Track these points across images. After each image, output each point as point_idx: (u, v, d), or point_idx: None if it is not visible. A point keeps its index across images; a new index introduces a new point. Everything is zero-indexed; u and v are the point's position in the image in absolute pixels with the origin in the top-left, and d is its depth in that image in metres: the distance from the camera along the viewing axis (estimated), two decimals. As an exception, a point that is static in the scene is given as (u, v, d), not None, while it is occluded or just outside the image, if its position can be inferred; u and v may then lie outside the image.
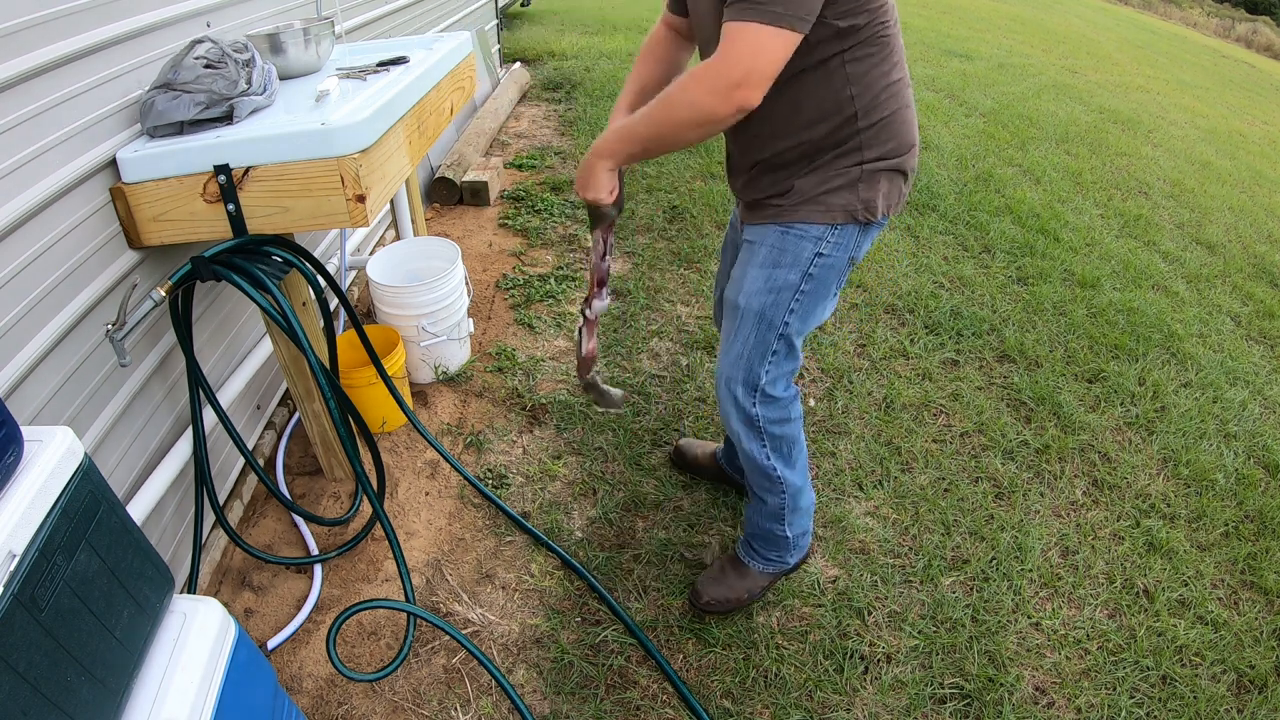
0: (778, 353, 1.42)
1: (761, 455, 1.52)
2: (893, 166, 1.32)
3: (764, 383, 1.44)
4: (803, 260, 1.34)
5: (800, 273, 1.35)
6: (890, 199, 1.34)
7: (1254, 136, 6.52)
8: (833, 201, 1.31)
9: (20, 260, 1.20)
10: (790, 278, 1.35)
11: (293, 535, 1.86)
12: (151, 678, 0.93)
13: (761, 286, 1.38)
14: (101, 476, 0.90)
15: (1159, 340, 2.79)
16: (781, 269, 1.36)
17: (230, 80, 1.44)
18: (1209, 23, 19.03)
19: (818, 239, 1.33)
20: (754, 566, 1.69)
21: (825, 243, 1.33)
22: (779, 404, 1.48)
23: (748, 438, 1.50)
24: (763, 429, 1.49)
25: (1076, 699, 1.56)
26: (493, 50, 5.25)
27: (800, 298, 1.37)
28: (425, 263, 2.43)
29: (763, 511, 1.62)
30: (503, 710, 1.51)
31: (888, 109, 1.28)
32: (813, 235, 1.33)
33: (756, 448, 1.52)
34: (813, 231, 1.33)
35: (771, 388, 1.45)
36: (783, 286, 1.36)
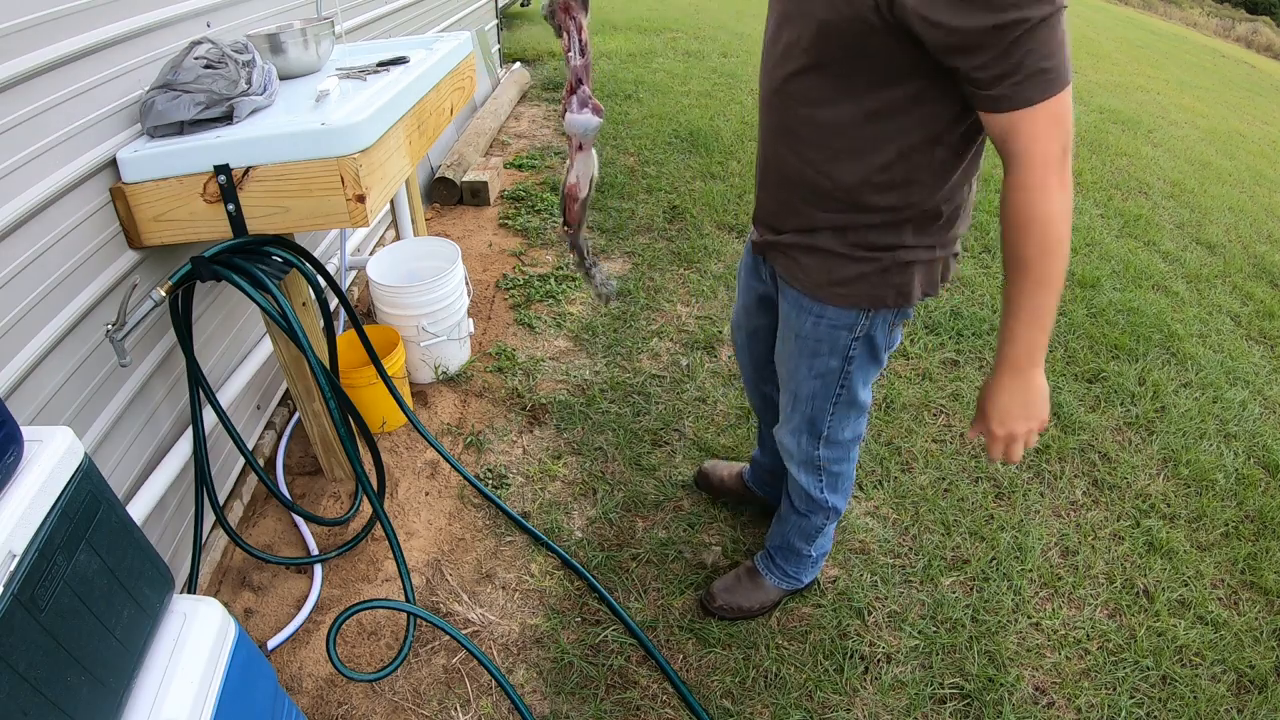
0: (839, 408, 1.36)
1: (816, 489, 1.49)
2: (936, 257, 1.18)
3: (828, 432, 1.39)
4: (840, 348, 1.26)
5: (840, 358, 1.27)
6: (932, 282, 1.20)
7: (1254, 136, 6.52)
8: (859, 289, 1.19)
9: (20, 260, 1.20)
10: (831, 364, 1.28)
11: (293, 535, 1.86)
12: (151, 678, 0.93)
13: (806, 374, 1.32)
14: (101, 476, 0.90)
15: (1159, 340, 2.79)
16: (821, 358, 1.28)
17: (230, 80, 1.44)
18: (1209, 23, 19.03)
19: (852, 325, 1.23)
20: (770, 580, 1.67)
21: (860, 327, 1.23)
22: (842, 445, 1.43)
23: (805, 473, 1.47)
24: (823, 467, 1.45)
25: (1076, 699, 1.56)
26: (493, 50, 5.25)
27: (847, 375, 1.30)
28: (425, 263, 2.43)
29: (796, 528, 1.59)
30: (503, 710, 1.51)
31: (957, 200, 1.13)
32: (846, 323, 1.23)
33: (812, 482, 1.48)
34: (846, 319, 1.22)
35: (837, 434, 1.40)
36: (825, 373, 1.30)
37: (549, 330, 2.67)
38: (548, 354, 2.55)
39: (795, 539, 1.61)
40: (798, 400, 1.37)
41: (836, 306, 1.21)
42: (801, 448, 1.43)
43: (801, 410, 1.37)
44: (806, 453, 1.43)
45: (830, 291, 1.21)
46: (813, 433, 1.40)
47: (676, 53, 6.51)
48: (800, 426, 1.40)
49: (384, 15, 2.98)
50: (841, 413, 1.37)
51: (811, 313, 1.24)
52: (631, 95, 5.16)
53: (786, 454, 1.47)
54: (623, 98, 5.11)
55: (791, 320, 1.29)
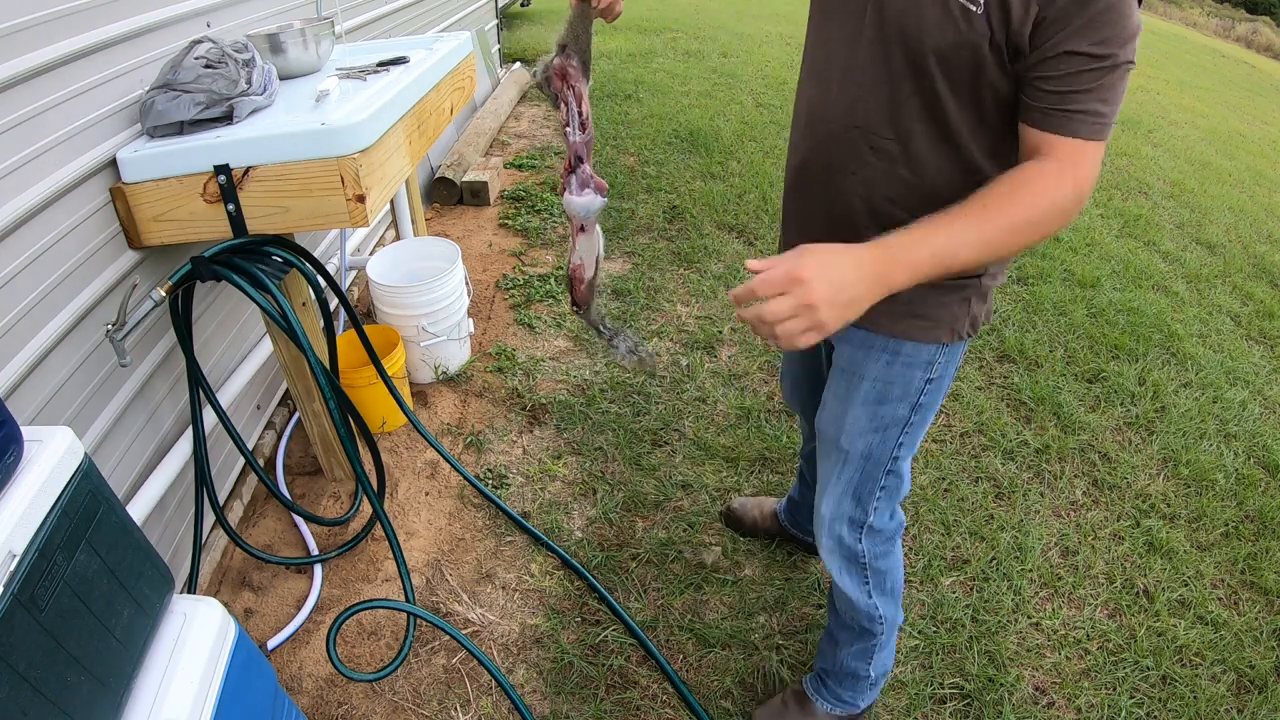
0: (887, 486, 1.23)
1: (861, 593, 1.32)
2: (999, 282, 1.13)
3: (872, 519, 1.25)
4: (912, 391, 1.14)
5: (909, 405, 1.15)
6: (983, 310, 1.14)
7: (1254, 136, 6.52)
8: (942, 316, 1.08)
9: (20, 260, 1.20)
10: (899, 412, 1.15)
11: (293, 535, 1.86)
12: (151, 678, 0.93)
13: (866, 426, 1.17)
14: (101, 476, 0.90)
15: (1159, 340, 2.79)
16: (888, 404, 1.15)
17: (230, 80, 1.44)
18: (1209, 23, 19.03)
19: (928, 363, 1.11)
20: (822, 707, 1.46)
21: (936, 365, 1.12)
22: (885, 535, 1.29)
23: (848, 573, 1.32)
24: (866, 564, 1.30)
25: (1076, 699, 1.56)
26: (493, 50, 5.25)
27: (909, 429, 1.17)
28: (425, 263, 2.43)
29: (850, 648, 1.41)
30: (503, 710, 1.50)
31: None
32: (923, 360, 1.11)
33: (856, 584, 1.32)
34: (923, 354, 1.11)
35: (880, 521, 1.27)
36: (890, 423, 1.16)
37: (549, 330, 2.67)
38: (548, 354, 2.55)
39: (850, 660, 1.42)
40: (848, 461, 1.21)
41: (915, 341, 1.09)
42: (841, 540, 1.28)
43: (849, 475, 1.22)
44: (849, 546, 1.28)
45: (910, 324, 1.08)
46: (853, 521, 1.26)
47: (676, 53, 6.51)
48: (843, 498, 1.25)
49: (384, 15, 2.98)
50: (891, 486, 1.23)
51: (885, 350, 1.12)
52: (631, 95, 5.16)
53: (827, 547, 1.31)
54: (623, 98, 5.11)
55: (856, 364, 1.16)
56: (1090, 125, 0.85)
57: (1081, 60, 0.83)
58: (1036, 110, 0.88)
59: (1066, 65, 0.83)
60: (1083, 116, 0.85)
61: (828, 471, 1.26)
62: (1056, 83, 0.85)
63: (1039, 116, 0.88)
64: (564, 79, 1.01)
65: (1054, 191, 0.86)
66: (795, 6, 9.24)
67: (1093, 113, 0.85)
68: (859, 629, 1.37)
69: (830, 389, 1.22)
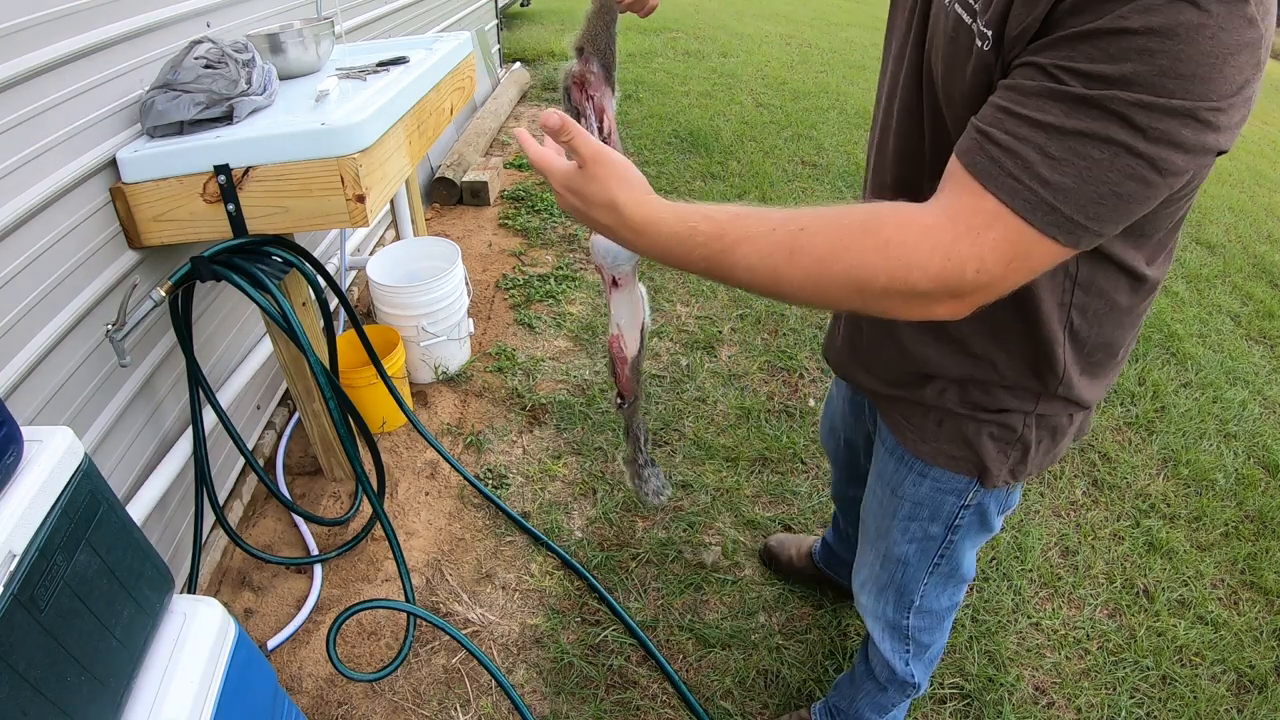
0: (935, 577, 1.11)
1: (900, 658, 1.23)
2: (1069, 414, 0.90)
3: (919, 603, 1.14)
4: (944, 514, 1.02)
5: (944, 525, 1.03)
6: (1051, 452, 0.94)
7: (1254, 136, 6.52)
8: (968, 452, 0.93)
9: (20, 260, 1.20)
10: (933, 530, 1.04)
11: (293, 535, 1.86)
12: (151, 678, 0.93)
13: (900, 538, 1.08)
14: (101, 476, 0.90)
15: (1159, 340, 2.79)
16: (919, 522, 1.04)
17: (230, 80, 1.44)
18: (1209, 23, 18.99)
19: (960, 492, 0.98)
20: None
21: (972, 493, 0.98)
22: (936, 614, 1.17)
23: (889, 639, 1.22)
24: (911, 637, 1.20)
25: (1076, 699, 1.56)
26: (493, 50, 5.25)
27: (950, 545, 1.05)
28: (425, 263, 2.43)
29: (869, 698, 1.34)
30: (503, 710, 1.50)
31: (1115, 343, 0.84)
32: (954, 488, 0.98)
33: (896, 650, 1.23)
34: (953, 484, 0.97)
35: (932, 603, 1.15)
36: (925, 538, 1.06)
37: (549, 330, 2.67)
38: (548, 354, 2.55)
39: (865, 709, 1.36)
40: (886, 561, 1.12)
41: (943, 469, 0.97)
42: (885, 613, 1.19)
43: (890, 572, 1.13)
44: (891, 619, 1.19)
45: (936, 449, 0.95)
46: (901, 601, 1.16)
47: (676, 53, 6.51)
48: (885, 589, 1.16)
49: (384, 15, 2.98)
50: (939, 583, 1.12)
51: (914, 470, 1.00)
52: (631, 95, 5.16)
53: (864, 609, 1.22)
54: (622, 98, 5.11)
55: (889, 472, 1.05)
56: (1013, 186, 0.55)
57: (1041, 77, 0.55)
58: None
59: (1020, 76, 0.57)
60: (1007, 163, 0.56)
61: (870, 557, 1.16)
62: (999, 95, 0.59)
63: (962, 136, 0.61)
64: (582, 88, 0.82)
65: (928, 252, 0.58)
66: (795, 6, 9.25)
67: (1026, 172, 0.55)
68: (884, 685, 1.30)
69: (870, 486, 1.12)
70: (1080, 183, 0.55)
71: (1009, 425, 0.89)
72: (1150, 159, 0.54)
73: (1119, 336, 0.83)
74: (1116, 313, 0.80)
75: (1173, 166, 0.54)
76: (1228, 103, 0.53)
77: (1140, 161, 0.54)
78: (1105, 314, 0.79)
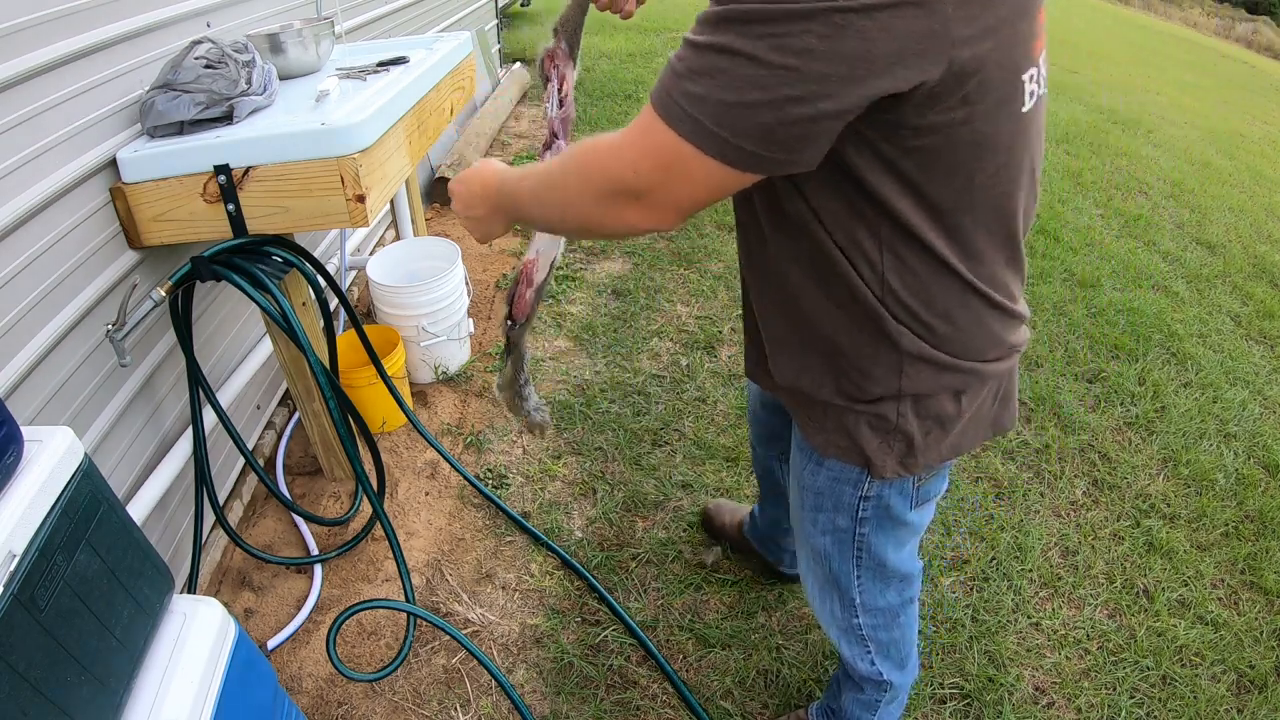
0: (863, 577, 1.11)
1: (864, 663, 1.22)
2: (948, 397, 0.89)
3: (861, 599, 1.13)
4: (845, 505, 1.02)
5: (848, 517, 1.03)
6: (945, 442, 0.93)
7: (1254, 136, 6.52)
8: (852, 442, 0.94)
9: (20, 260, 1.20)
10: (840, 522, 1.04)
11: (293, 535, 1.86)
12: (151, 678, 0.93)
13: (814, 530, 1.09)
14: (101, 476, 0.90)
15: (1159, 340, 2.79)
16: (825, 513, 1.05)
17: (230, 80, 1.44)
18: (1209, 23, 19.04)
19: (855, 482, 0.98)
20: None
21: (864, 485, 0.98)
22: (886, 611, 1.16)
23: (845, 643, 1.21)
24: (867, 637, 1.18)
25: (1076, 699, 1.56)
26: (493, 50, 5.25)
27: (863, 537, 1.05)
28: (425, 263, 2.43)
29: (853, 697, 1.32)
30: (503, 710, 1.50)
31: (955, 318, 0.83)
32: (848, 478, 0.98)
33: (858, 654, 1.21)
34: (847, 474, 0.98)
35: (871, 600, 1.14)
36: (835, 530, 1.06)
37: (549, 330, 2.67)
38: (548, 354, 2.55)
39: (854, 709, 1.33)
40: (813, 557, 1.13)
41: (836, 460, 0.97)
42: (835, 615, 1.17)
43: (821, 569, 1.13)
44: (841, 620, 1.17)
45: (826, 439, 0.96)
46: (844, 600, 1.14)
47: (676, 53, 6.50)
48: (825, 588, 1.15)
49: (384, 15, 2.98)
50: (872, 579, 1.10)
51: (813, 460, 1.01)
52: (631, 95, 5.16)
53: (817, 615, 1.23)
54: (623, 98, 5.11)
55: (798, 465, 1.06)
56: (669, 96, 0.64)
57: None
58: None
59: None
60: (665, 80, 0.64)
61: (802, 556, 1.18)
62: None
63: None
64: (551, 60, 1.05)
65: (608, 153, 0.69)
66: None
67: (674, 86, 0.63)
68: (860, 685, 1.29)
69: (789, 483, 1.14)
70: (711, 92, 0.60)
71: (883, 415, 0.90)
72: (769, 65, 0.57)
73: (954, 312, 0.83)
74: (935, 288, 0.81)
75: (800, 74, 0.57)
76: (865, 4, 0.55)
77: (760, 69, 0.57)
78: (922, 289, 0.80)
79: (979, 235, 0.78)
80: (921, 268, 0.78)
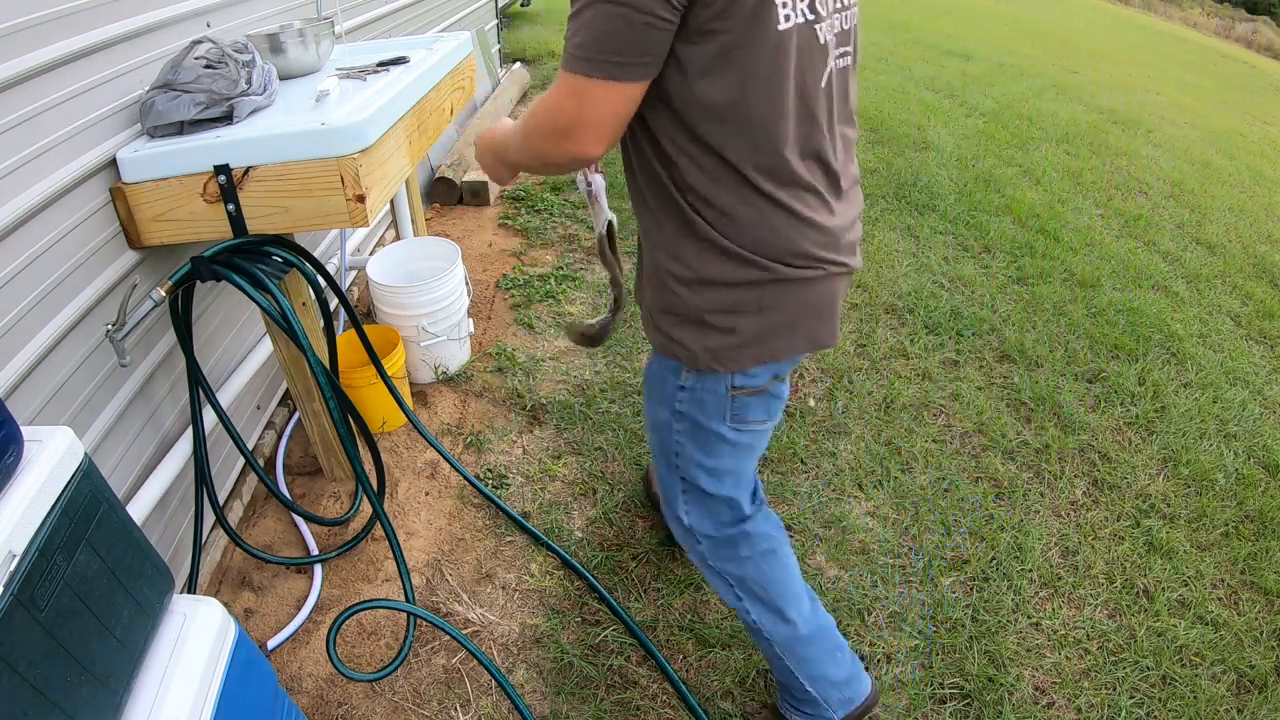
0: (689, 494, 1.21)
1: (730, 596, 1.29)
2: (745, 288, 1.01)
3: (685, 520, 1.24)
4: (667, 396, 1.12)
5: (669, 409, 1.13)
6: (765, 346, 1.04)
7: (1254, 136, 6.52)
8: (666, 338, 1.08)
9: (20, 260, 1.20)
10: (662, 415, 1.15)
11: (293, 535, 1.86)
12: (151, 678, 0.93)
13: (648, 419, 1.22)
14: (101, 476, 0.90)
15: (1159, 340, 2.79)
16: (652, 402, 1.17)
17: (230, 80, 1.44)
18: (1209, 23, 19.04)
19: (676, 370, 1.10)
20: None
21: (685, 375, 1.09)
22: (716, 541, 1.24)
23: (707, 573, 1.31)
24: (718, 570, 1.27)
25: (1076, 699, 1.56)
26: (493, 50, 5.25)
27: (679, 437, 1.15)
28: (425, 263, 2.43)
29: (768, 658, 1.35)
30: (503, 710, 1.51)
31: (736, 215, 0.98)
32: (671, 368, 1.11)
33: (721, 586, 1.30)
34: (669, 365, 1.11)
35: (696, 524, 1.24)
36: (660, 424, 1.17)
37: (549, 330, 2.67)
38: (548, 354, 2.55)
39: (778, 674, 1.37)
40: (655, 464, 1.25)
41: (660, 352, 1.12)
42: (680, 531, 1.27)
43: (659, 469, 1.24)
44: (689, 544, 1.27)
45: (654, 333, 1.11)
46: (672, 507, 1.25)
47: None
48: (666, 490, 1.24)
49: (384, 15, 2.98)
50: (690, 495, 1.20)
51: (651, 352, 1.16)
52: (631, 95, 5.15)
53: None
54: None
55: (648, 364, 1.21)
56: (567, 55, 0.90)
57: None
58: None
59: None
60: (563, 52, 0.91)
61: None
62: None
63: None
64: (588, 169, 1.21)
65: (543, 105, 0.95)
66: (795, 6, 9.22)
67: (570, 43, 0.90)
68: (752, 632, 1.32)
69: None
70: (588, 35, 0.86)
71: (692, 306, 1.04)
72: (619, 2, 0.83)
73: (738, 208, 0.97)
74: (720, 184, 0.97)
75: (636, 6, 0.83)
76: None
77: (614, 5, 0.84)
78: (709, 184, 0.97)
79: (760, 143, 0.94)
80: (708, 164, 0.96)
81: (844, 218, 1.05)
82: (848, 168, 1.07)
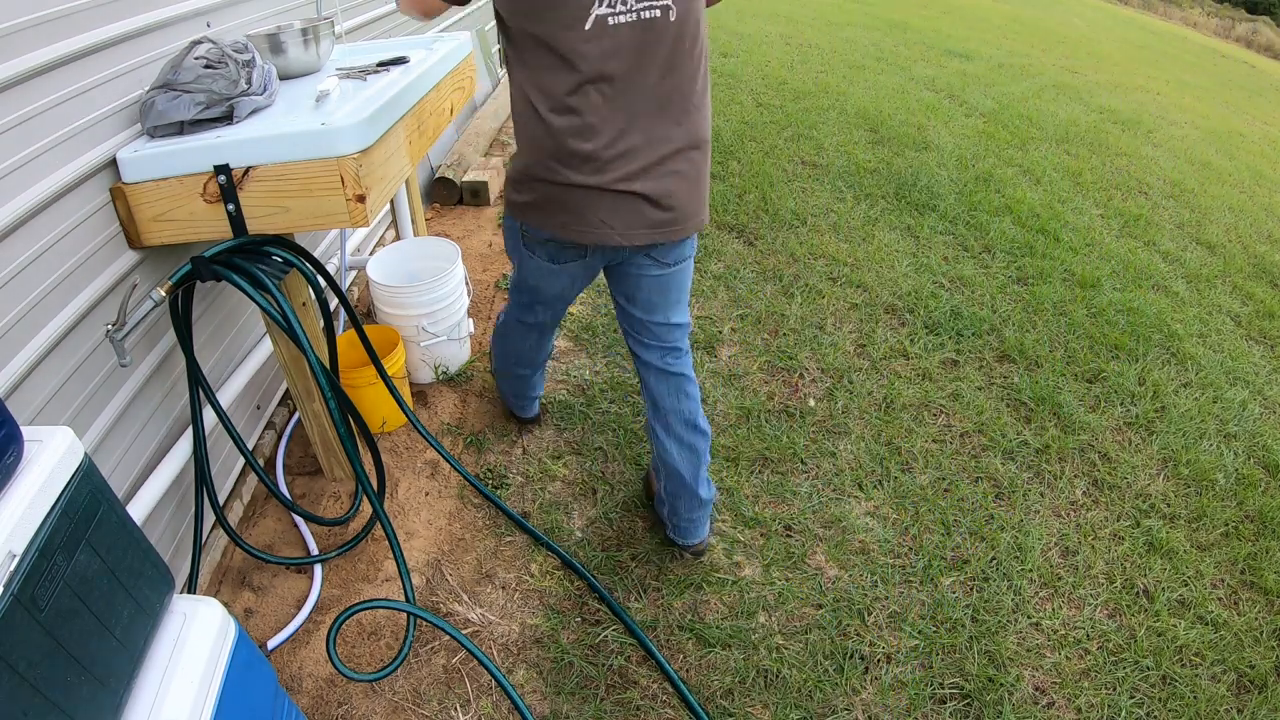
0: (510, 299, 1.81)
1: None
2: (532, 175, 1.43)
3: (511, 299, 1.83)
4: (510, 228, 1.60)
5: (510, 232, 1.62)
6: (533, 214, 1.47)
7: (1254, 136, 6.53)
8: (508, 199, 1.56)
9: (21, 260, 1.20)
10: (511, 240, 1.63)
11: (293, 535, 1.86)
12: (151, 678, 0.93)
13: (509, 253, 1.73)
14: (101, 476, 0.90)
15: (1159, 340, 2.79)
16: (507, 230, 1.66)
17: (230, 80, 1.44)
18: (1209, 23, 19.04)
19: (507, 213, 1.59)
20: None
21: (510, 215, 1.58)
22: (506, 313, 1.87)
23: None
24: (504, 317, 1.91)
25: (1076, 699, 1.56)
26: (493, 50, 5.25)
27: (512, 249, 1.64)
28: (425, 263, 2.43)
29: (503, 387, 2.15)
30: (503, 710, 1.51)
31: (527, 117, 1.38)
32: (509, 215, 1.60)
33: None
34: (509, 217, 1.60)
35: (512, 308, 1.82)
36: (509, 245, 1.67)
37: (549, 330, 2.67)
38: (548, 354, 2.54)
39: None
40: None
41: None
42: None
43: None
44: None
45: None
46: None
47: (676, 53, 6.50)
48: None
49: (384, 15, 2.98)
50: (513, 289, 1.77)
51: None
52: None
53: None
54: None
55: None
56: None
57: None
58: None
59: None
60: None
61: None
62: None
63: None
64: None
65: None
66: (795, 7, 9.25)
67: None
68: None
69: None
70: None
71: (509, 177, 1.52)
72: None
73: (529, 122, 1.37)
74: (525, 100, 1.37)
75: None
76: None
77: None
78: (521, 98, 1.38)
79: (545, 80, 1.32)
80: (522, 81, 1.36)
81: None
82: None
